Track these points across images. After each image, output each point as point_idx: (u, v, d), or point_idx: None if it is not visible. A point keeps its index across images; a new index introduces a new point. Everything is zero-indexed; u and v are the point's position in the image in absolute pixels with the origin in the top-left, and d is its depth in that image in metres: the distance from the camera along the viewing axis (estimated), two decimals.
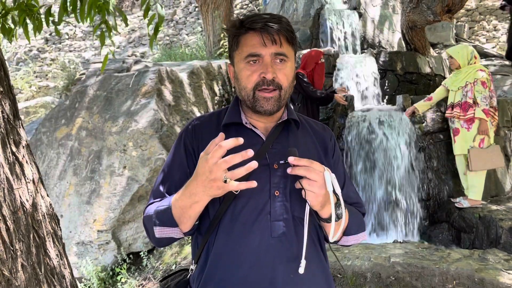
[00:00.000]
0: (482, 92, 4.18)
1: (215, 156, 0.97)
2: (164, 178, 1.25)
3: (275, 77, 1.16)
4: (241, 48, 1.19)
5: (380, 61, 6.27)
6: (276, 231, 1.13)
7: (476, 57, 4.41)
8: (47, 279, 1.69)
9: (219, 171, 0.97)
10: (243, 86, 1.20)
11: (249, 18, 1.18)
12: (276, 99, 1.18)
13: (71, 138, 4.76)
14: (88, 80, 5.36)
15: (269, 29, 1.14)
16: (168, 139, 4.43)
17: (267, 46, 1.15)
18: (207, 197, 1.05)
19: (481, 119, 4.16)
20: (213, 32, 8.52)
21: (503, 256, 3.09)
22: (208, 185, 1.00)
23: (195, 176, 1.04)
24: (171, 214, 1.11)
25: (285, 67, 1.18)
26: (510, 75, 7.22)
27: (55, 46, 14.22)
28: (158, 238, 1.16)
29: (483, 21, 10.93)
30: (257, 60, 1.17)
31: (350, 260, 3.06)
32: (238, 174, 0.98)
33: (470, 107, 4.23)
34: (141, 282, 4.01)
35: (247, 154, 0.96)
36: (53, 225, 1.81)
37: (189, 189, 1.06)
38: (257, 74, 1.17)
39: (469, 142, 4.24)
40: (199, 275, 1.19)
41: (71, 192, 4.53)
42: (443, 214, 4.59)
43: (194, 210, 1.08)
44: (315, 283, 1.16)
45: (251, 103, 1.20)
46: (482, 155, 4.17)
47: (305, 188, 1.04)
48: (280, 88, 1.18)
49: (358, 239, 1.26)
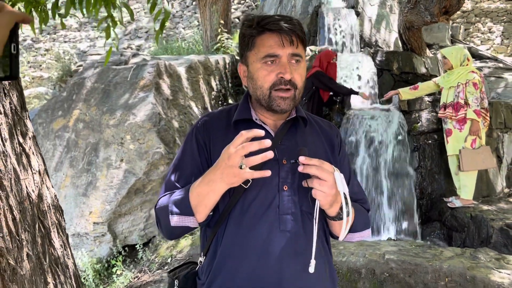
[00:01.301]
0: (474, 93, 4.25)
1: (236, 143, 1.03)
2: (176, 172, 1.28)
3: (292, 78, 1.20)
4: (257, 48, 1.22)
5: (377, 60, 6.32)
6: (284, 225, 1.17)
7: (469, 59, 4.48)
8: (52, 268, 1.71)
9: (237, 157, 1.02)
10: (259, 85, 1.23)
11: (265, 19, 1.21)
12: (292, 99, 1.22)
13: (68, 129, 4.75)
14: (85, 72, 5.35)
15: (286, 30, 1.18)
16: (166, 133, 4.44)
17: (285, 47, 1.18)
18: (224, 184, 1.08)
19: (472, 120, 4.23)
20: (210, 26, 8.51)
21: (494, 255, 3.16)
22: (226, 171, 1.05)
23: (216, 163, 1.09)
24: (189, 202, 1.14)
25: (300, 67, 1.22)
26: (503, 77, 7.32)
27: (50, 37, 14.10)
28: (172, 227, 1.18)
29: (478, 23, 11.03)
30: (274, 61, 1.20)
31: (345, 256, 3.11)
32: (253, 161, 1.03)
33: (461, 107, 4.30)
34: (137, 274, 4.03)
35: (264, 143, 1.01)
36: (57, 216, 1.83)
37: (208, 176, 1.11)
38: (274, 74, 1.20)
39: (461, 143, 4.31)
40: (208, 266, 1.22)
41: (67, 183, 4.53)
42: (435, 213, 4.66)
43: (210, 198, 1.12)
44: (320, 277, 1.20)
45: (267, 102, 1.23)
46: (473, 155, 4.24)
47: (316, 188, 1.08)
48: (295, 88, 1.21)
49: (363, 236, 1.31)
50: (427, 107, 4.96)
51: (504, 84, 7.02)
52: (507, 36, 10.78)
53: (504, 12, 10.96)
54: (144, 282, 3.80)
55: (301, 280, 1.15)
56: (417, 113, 4.96)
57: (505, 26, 10.84)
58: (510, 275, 2.75)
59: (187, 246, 4.08)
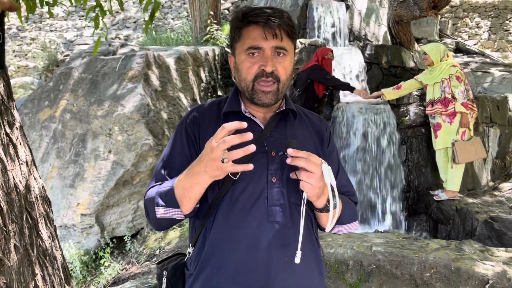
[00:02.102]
0: (458, 86, 4.33)
1: (218, 136, 1.03)
2: (165, 163, 1.28)
3: (274, 70, 1.20)
4: (243, 40, 1.22)
5: (366, 53, 6.34)
6: (272, 216, 1.18)
7: (449, 56, 4.57)
8: (39, 260, 1.70)
9: (219, 150, 1.02)
10: (243, 77, 1.24)
11: (252, 11, 1.21)
12: (274, 93, 1.22)
13: (54, 120, 4.69)
14: (72, 62, 5.28)
15: (271, 23, 1.17)
16: (155, 124, 4.42)
17: (268, 40, 1.19)
18: (208, 177, 1.08)
19: (462, 113, 4.30)
20: (199, 17, 8.43)
21: (479, 247, 3.22)
22: (209, 164, 1.05)
23: (200, 156, 1.09)
24: (174, 195, 1.15)
25: (284, 60, 1.22)
26: (490, 72, 7.41)
27: (36, 25, 13.85)
28: (159, 218, 1.18)
29: (467, 18, 11.13)
30: (258, 53, 1.20)
31: (333, 248, 3.14)
32: (235, 155, 1.02)
33: (450, 102, 4.37)
34: (125, 266, 4.02)
35: (246, 136, 1.01)
36: (45, 207, 1.81)
37: (192, 169, 1.11)
38: (257, 66, 1.20)
39: (452, 136, 4.36)
40: (197, 257, 1.23)
41: (54, 175, 4.48)
42: (422, 205, 4.73)
43: (194, 191, 1.12)
44: (308, 268, 1.21)
45: (250, 95, 1.24)
46: (466, 147, 4.31)
47: (303, 180, 1.09)
48: (278, 81, 1.22)
49: (351, 228, 1.32)
50: (415, 101, 5.00)
51: (491, 79, 7.11)
52: (494, 31, 10.90)
53: (491, 7, 11.07)
54: (132, 274, 3.80)
55: (288, 271, 1.16)
56: (405, 106, 5.00)
57: (492, 21, 10.95)
58: (494, 267, 2.81)
59: (176, 238, 4.08)
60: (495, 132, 5.41)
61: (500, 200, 4.58)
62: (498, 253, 3.10)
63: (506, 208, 4.23)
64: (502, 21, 10.90)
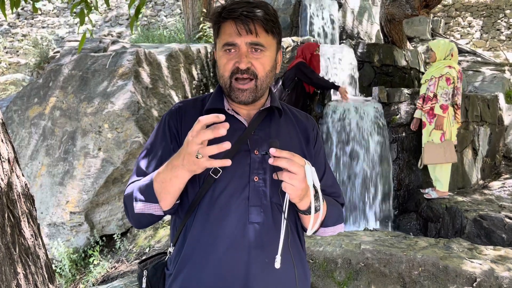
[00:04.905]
0: (444, 87, 4.33)
1: (194, 130, 1.00)
2: (146, 157, 1.26)
3: (250, 66, 1.17)
4: (220, 36, 1.20)
5: (358, 52, 6.35)
6: (253, 216, 1.15)
7: (453, 55, 4.51)
8: (22, 258, 1.68)
9: (194, 144, 0.99)
10: (221, 73, 1.22)
11: (229, 6, 1.18)
12: (251, 90, 1.19)
13: (44, 117, 4.65)
14: (62, 59, 5.23)
15: (244, 18, 1.15)
16: (145, 122, 4.39)
17: (242, 36, 1.16)
18: (186, 172, 1.06)
19: (438, 115, 4.32)
20: (192, 15, 8.40)
21: (467, 245, 3.23)
22: (186, 158, 1.02)
23: (179, 150, 1.07)
24: (152, 189, 1.12)
25: (262, 56, 1.19)
26: (481, 71, 7.45)
27: (27, 22, 13.72)
28: (137, 214, 1.16)
29: (459, 17, 11.17)
30: (234, 49, 1.18)
31: (322, 246, 3.14)
32: (209, 151, 0.99)
33: (429, 100, 4.39)
34: (114, 264, 4.00)
35: (218, 131, 0.97)
36: (28, 205, 1.79)
37: (171, 162, 1.08)
38: (232, 63, 1.18)
39: (426, 137, 4.42)
40: (176, 256, 1.21)
41: (43, 172, 4.45)
42: (412, 204, 4.74)
43: (173, 185, 1.09)
44: (290, 270, 1.18)
45: (228, 92, 1.22)
46: (436, 149, 4.33)
47: (285, 181, 1.05)
48: (256, 77, 1.19)
49: (336, 230, 1.29)
50: (406, 99, 5.01)
51: (482, 78, 7.15)
52: (486, 30, 10.96)
53: (484, 6, 11.12)
54: (122, 272, 3.78)
55: (267, 274, 1.14)
56: (396, 105, 5.01)
57: (484, 20, 11.01)
58: (482, 265, 2.82)
59: (165, 236, 4.06)
60: (485, 131, 5.44)
61: (490, 199, 4.61)
62: (487, 251, 3.12)
63: (495, 207, 4.26)
64: (494, 20, 10.97)
